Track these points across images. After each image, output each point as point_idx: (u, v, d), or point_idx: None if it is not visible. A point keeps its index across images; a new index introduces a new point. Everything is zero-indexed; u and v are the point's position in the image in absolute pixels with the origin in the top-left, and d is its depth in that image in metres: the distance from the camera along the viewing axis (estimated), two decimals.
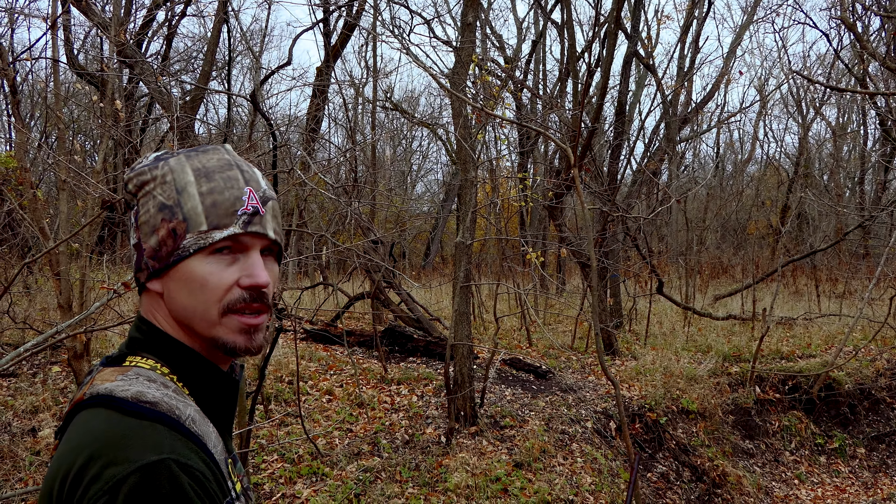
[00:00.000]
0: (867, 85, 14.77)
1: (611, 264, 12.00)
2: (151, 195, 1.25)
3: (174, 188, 1.24)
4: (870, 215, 17.17)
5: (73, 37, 16.36)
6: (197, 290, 1.24)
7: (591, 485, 6.58)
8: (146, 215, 1.25)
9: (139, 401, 1.12)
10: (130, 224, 1.28)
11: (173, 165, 1.27)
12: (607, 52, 10.62)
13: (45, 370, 7.29)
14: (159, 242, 1.24)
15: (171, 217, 1.23)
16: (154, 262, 1.25)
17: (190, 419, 1.16)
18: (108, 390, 1.14)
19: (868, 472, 9.45)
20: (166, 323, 1.28)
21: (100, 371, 1.22)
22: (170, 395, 1.16)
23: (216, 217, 1.24)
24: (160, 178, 1.25)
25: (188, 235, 1.23)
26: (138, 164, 1.29)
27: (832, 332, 13.05)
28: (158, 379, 1.20)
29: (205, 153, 1.31)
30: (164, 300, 1.27)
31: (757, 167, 32.84)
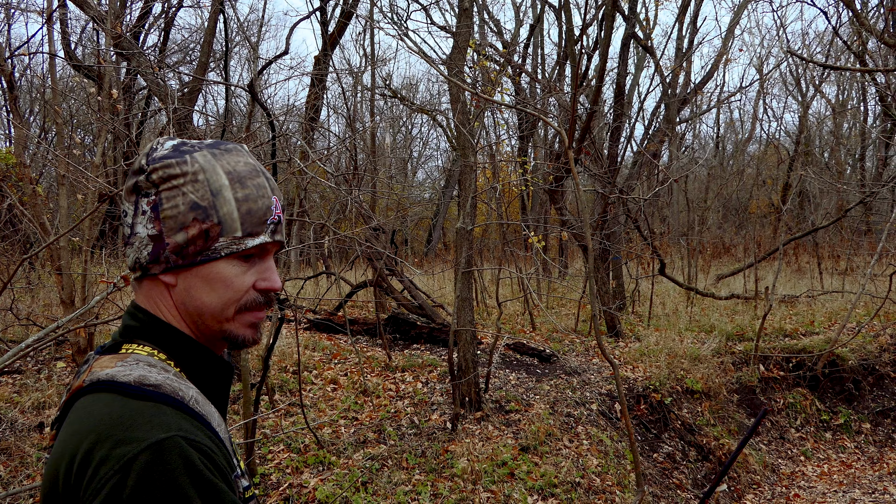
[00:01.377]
0: (866, 62, 14.73)
1: (612, 246, 12.00)
2: (181, 191, 1.25)
3: (209, 189, 1.25)
4: (871, 191, 17.12)
5: (69, 30, 16.33)
6: (220, 289, 1.28)
7: (598, 467, 6.60)
8: (173, 210, 1.24)
9: (142, 384, 1.14)
10: (144, 213, 1.26)
11: (203, 164, 1.27)
12: (605, 34, 10.58)
13: (49, 366, 7.30)
14: (188, 240, 1.25)
15: (206, 218, 1.25)
16: (177, 258, 1.26)
17: (193, 400, 1.18)
18: (110, 376, 1.15)
19: (874, 447, 9.47)
20: (169, 313, 1.29)
21: (97, 359, 1.23)
22: (171, 379, 1.18)
23: (250, 225, 1.28)
24: (191, 175, 1.25)
25: (221, 239, 1.26)
26: (158, 153, 1.27)
27: (835, 308, 13.05)
28: (158, 364, 1.21)
29: (229, 153, 1.31)
30: (175, 293, 1.28)
31: (757, 146, 32.77)
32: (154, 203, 1.25)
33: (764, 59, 27.62)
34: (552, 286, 15.48)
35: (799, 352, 10.27)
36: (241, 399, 5.96)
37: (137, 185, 1.27)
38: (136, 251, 1.27)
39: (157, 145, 1.29)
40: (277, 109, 19.72)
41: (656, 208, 23.79)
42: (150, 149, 1.29)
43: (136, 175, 1.27)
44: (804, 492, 8.10)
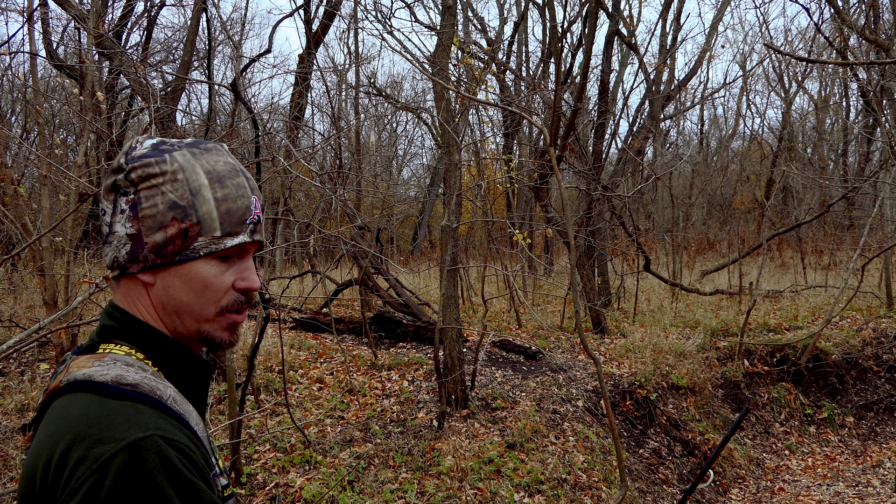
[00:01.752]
0: (847, 58, 14.81)
1: (598, 243, 12.02)
2: (160, 190, 1.24)
3: (188, 189, 1.25)
4: (853, 186, 17.22)
5: (50, 30, 16.21)
6: (199, 289, 1.28)
7: (584, 463, 6.62)
8: (152, 209, 1.24)
9: (120, 383, 1.13)
10: (122, 211, 1.25)
11: (182, 163, 1.26)
12: (589, 31, 10.61)
13: (33, 368, 7.26)
14: (166, 240, 1.24)
15: (185, 218, 1.24)
16: (155, 258, 1.25)
17: (171, 399, 1.18)
18: (87, 375, 1.15)
19: (857, 441, 9.53)
20: (147, 312, 1.28)
21: (74, 360, 1.22)
22: (148, 378, 1.18)
23: (229, 225, 1.28)
24: (170, 174, 1.24)
25: (200, 238, 1.26)
26: (137, 152, 1.26)
27: (818, 303, 13.14)
28: (135, 363, 1.21)
29: (209, 152, 1.30)
30: (153, 292, 1.28)
31: (741, 142, 32.91)
32: (133, 202, 1.24)
33: (747, 55, 27.74)
34: (538, 283, 15.51)
35: (783, 346, 10.33)
36: (226, 399, 5.95)
37: (116, 184, 1.25)
38: (115, 250, 1.26)
39: (137, 144, 1.28)
40: (261, 108, 19.66)
41: (641, 205, 23.85)
42: (130, 147, 1.28)
43: (114, 174, 1.26)
44: (789, 485, 8.15)
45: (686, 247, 20.46)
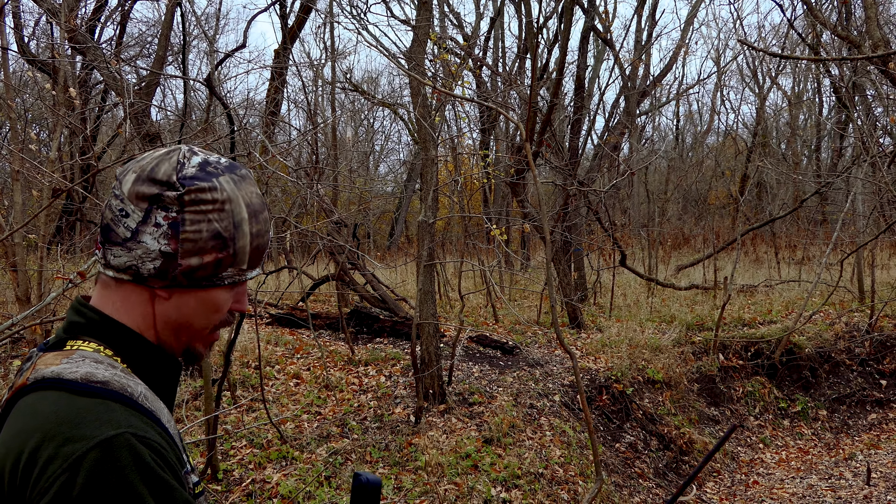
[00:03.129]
0: (820, 54, 14.94)
1: (574, 238, 12.07)
2: (206, 217, 1.24)
3: (232, 221, 1.27)
4: (826, 182, 17.41)
5: (22, 23, 16.02)
6: (210, 312, 1.32)
7: (561, 457, 6.65)
8: (195, 234, 1.23)
9: (90, 381, 1.12)
10: (158, 225, 1.22)
11: (230, 193, 1.27)
12: (565, 27, 10.63)
13: (6, 364, 7.19)
14: (201, 266, 1.26)
15: (223, 249, 1.27)
16: (183, 279, 1.26)
17: (142, 396, 1.18)
18: (55, 373, 1.14)
19: (830, 434, 9.64)
20: (136, 319, 1.28)
21: (40, 356, 1.22)
22: (119, 375, 1.17)
23: (255, 259, 1.34)
24: (219, 203, 1.25)
25: (229, 269, 1.29)
26: (188, 171, 1.25)
27: (792, 297, 13.26)
28: (104, 360, 1.20)
29: (245, 181, 1.31)
30: (161, 305, 1.28)
31: (716, 138, 33.11)
32: (174, 221, 1.23)
33: (721, 51, 27.94)
34: (514, 278, 15.55)
35: (757, 340, 10.42)
36: (202, 395, 5.92)
37: (160, 197, 1.23)
38: (135, 259, 1.24)
39: (184, 160, 1.26)
40: (237, 104, 19.55)
41: (617, 200, 23.95)
42: (178, 163, 1.25)
43: (156, 185, 1.23)
44: (763, 478, 8.23)
45: (662, 242, 20.59)
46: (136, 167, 1.26)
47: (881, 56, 6.28)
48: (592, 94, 20.31)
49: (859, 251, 12.71)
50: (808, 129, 29.39)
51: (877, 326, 10.91)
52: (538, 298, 12.87)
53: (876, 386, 10.27)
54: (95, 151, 8.78)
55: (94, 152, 6.42)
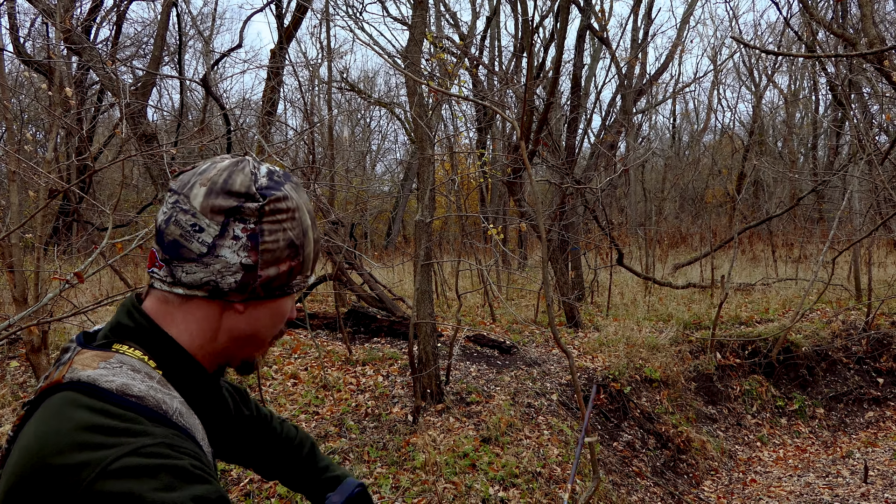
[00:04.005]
0: (815, 51, 14.94)
1: (571, 237, 12.07)
2: (282, 227, 1.25)
3: (302, 229, 1.29)
4: (823, 180, 17.42)
5: (18, 24, 15.99)
6: (278, 321, 1.34)
7: (558, 456, 6.65)
8: (273, 244, 1.24)
9: (125, 393, 1.11)
10: (237, 238, 1.21)
11: (297, 201, 1.28)
12: (561, 26, 10.63)
13: (3, 365, 7.18)
14: (277, 276, 1.27)
15: (295, 257, 1.28)
16: (261, 291, 1.27)
17: (177, 413, 1.16)
18: (92, 378, 1.12)
19: (827, 432, 9.65)
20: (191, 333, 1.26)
21: (78, 352, 1.19)
22: (155, 388, 1.15)
23: (313, 265, 1.36)
24: (292, 212, 1.26)
25: (298, 277, 1.32)
26: (262, 182, 1.25)
27: (789, 296, 13.27)
28: (143, 369, 1.18)
29: (300, 189, 1.32)
30: (230, 319, 1.28)
31: (712, 136, 33.16)
32: (253, 232, 1.22)
33: (718, 49, 27.94)
34: (512, 278, 15.55)
35: (754, 339, 10.43)
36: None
37: (239, 209, 1.21)
38: (214, 273, 1.22)
39: (255, 170, 1.26)
40: (233, 104, 19.54)
41: (614, 199, 23.97)
42: (252, 174, 1.25)
43: (236, 198, 1.21)
44: (760, 477, 8.24)
45: (659, 240, 20.60)
46: (202, 180, 1.23)
47: (876, 52, 6.28)
48: (589, 93, 20.33)
49: (856, 249, 12.72)
50: (804, 127, 29.42)
51: (873, 324, 10.92)
52: (535, 298, 12.87)
53: (873, 384, 10.28)
54: (92, 152, 8.78)
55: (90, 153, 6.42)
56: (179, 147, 9.37)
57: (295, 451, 1.81)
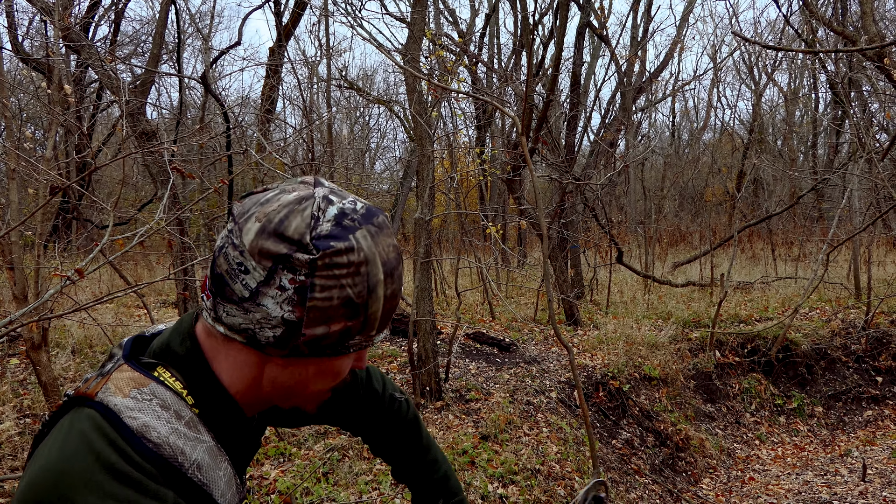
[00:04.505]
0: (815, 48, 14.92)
1: (570, 235, 12.07)
2: (339, 283, 1.07)
3: (366, 285, 1.10)
4: (822, 178, 17.43)
5: (16, 22, 15.98)
6: (329, 379, 1.19)
7: (557, 454, 6.66)
8: (325, 302, 1.07)
9: (144, 436, 1.04)
10: (283, 289, 1.06)
11: (367, 252, 1.09)
12: (560, 23, 10.63)
13: (3, 363, 7.18)
14: (327, 335, 1.10)
15: (353, 317, 1.10)
16: (306, 349, 1.11)
17: (195, 465, 1.08)
18: (118, 409, 1.06)
19: (826, 430, 9.66)
20: (235, 378, 1.17)
21: (119, 368, 1.14)
22: (179, 433, 1.08)
23: (384, 322, 1.17)
24: (355, 266, 1.08)
25: (357, 336, 1.14)
26: (323, 229, 1.07)
27: (788, 294, 13.28)
28: (174, 406, 1.10)
29: (383, 233, 1.13)
30: (272, 370, 1.16)
31: (712, 134, 33.17)
32: (302, 286, 1.06)
33: (717, 47, 27.96)
34: (511, 275, 15.55)
35: (754, 337, 10.43)
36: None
37: (289, 259, 1.06)
38: (252, 323, 1.09)
39: (319, 213, 1.08)
40: (232, 101, 19.54)
41: (613, 197, 23.98)
42: (313, 218, 1.07)
43: (287, 244, 1.06)
44: (759, 475, 8.24)
45: (658, 239, 20.60)
46: (259, 213, 1.08)
47: (875, 48, 6.28)
48: (588, 91, 20.32)
49: (855, 248, 12.73)
50: (804, 125, 29.43)
51: (873, 323, 10.93)
52: (535, 295, 12.88)
53: (872, 383, 10.29)
54: (92, 149, 8.78)
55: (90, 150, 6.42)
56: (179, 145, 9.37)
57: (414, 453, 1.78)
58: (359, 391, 1.69)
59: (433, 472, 1.78)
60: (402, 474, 1.80)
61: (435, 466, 1.78)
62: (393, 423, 1.76)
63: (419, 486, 1.78)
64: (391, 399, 1.75)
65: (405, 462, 1.79)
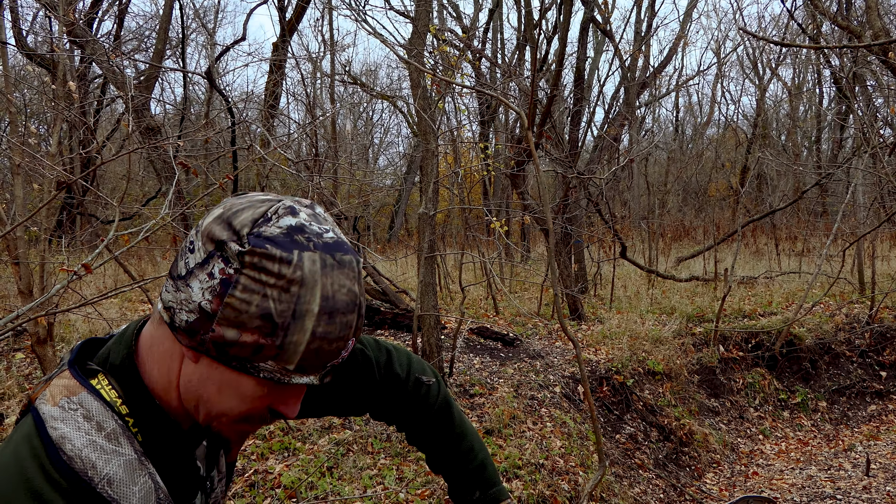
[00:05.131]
0: (820, 44, 14.91)
1: (574, 230, 12.07)
2: (264, 290, 1.02)
3: (292, 308, 1.03)
4: (826, 173, 17.41)
5: (20, 18, 16.00)
6: (232, 399, 1.11)
7: (561, 448, 6.67)
8: (242, 304, 1.03)
9: (60, 449, 1.03)
10: (211, 276, 1.04)
11: (306, 274, 1.03)
12: (564, 18, 10.61)
13: (8, 357, 7.21)
14: (236, 343, 1.04)
15: (269, 335, 1.03)
16: (212, 349, 1.06)
17: (105, 480, 1.04)
18: (45, 418, 1.07)
19: (830, 425, 9.67)
20: (162, 373, 1.13)
21: (61, 373, 1.14)
22: (95, 445, 1.05)
23: (308, 364, 1.08)
24: (286, 280, 1.03)
25: (269, 361, 1.06)
26: (269, 230, 1.04)
27: (792, 289, 13.27)
28: (98, 417, 1.08)
29: (341, 269, 1.08)
30: (188, 366, 1.11)
31: (716, 129, 33.11)
32: (228, 279, 1.03)
33: (721, 42, 27.91)
34: (515, 270, 15.56)
35: (757, 332, 10.44)
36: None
37: (223, 245, 1.04)
38: (177, 302, 1.07)
39: (273, 216, 1.06)
40: (236, 97, 19.56)
41: (617, 192, 23.97)
42: (263, 217, 1.06)
43: (229, 232, 1.05)
44: (763, 469, 8.25)
45: (662, 234, 20.59)
46: (230, 202, 1.09)
47: (881, 44, 6.27)
48: (592, 86, 20.31)
49: (860, 242, 12.72)
50: (808, 120, 29.38)
51: (877, 318, 10.92)
52: (539, 290, 12.88)
53: (876, 377, 10.29)
54: (97, 145, 8.80)
55: (95, 145, 6.44)
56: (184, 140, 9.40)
57: (447, 441, 1.72)
58: (375, 376, 1.61)
59: (468, 461, 1.71)
60: (436, 464, 1.75)
61: (470, 455, 1.71)
62: (419, 410, 1.69)
63: (453, 476, 1.72)
64: (416, 383, 1.68)
65: (437, 451, 1.73)
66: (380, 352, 1.66)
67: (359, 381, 1.60)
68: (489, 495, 1.70)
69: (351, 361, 1.57)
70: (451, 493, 1.73)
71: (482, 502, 1.69)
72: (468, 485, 1.70)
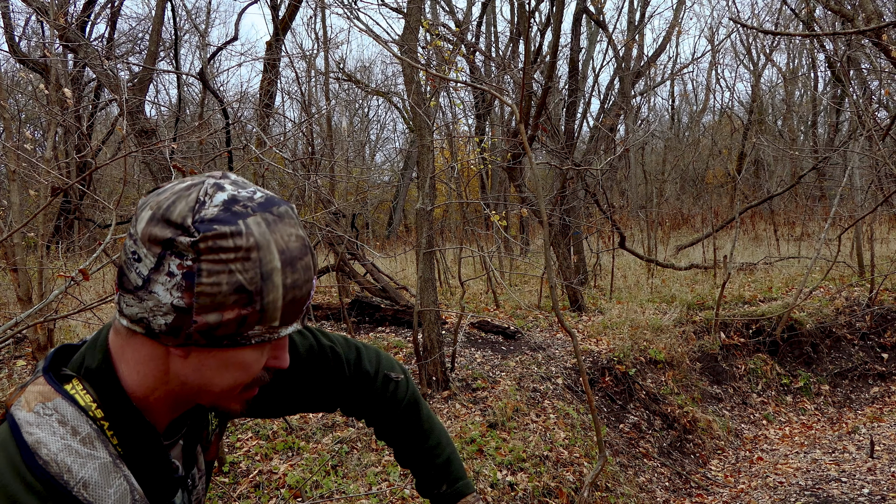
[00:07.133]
0: (814, 29, 14.90)
1: (572, 221, 12.07)
2: (227, 268, 1.05)
3: (259, 272, 1.07)
4: (823, 157, 17.40)
5: (12, 23, 15.97)
6: (236, 373, 1.16)
7: (565, 439, 6.68)
8: (213, 288, 1.05)
9: (35, 453, 1.05)
10: (172, 275, 1.05)
11: (258, 238, 1.07)
12: (557, 9, 10.61)
13: (9, 364, 7.21)
14: (220, 323, 1.08)
15: (247, 304, 1.08)
16: (201, 338, 1.08)
17: (81, 483, 1.06)
18: (20, 423, 1.08)
19: (833, 408, 9.68)
20: (142, 374, 1.15)
21: (35, 380, 1.15)
22: (70, 449, 1.08)
23: (289, 314, 1.14)
24: (244, 251, 1.06)
25: (257, 327, 1.11)
26: (207, 212, 1.06)
27: (792, 274, 13.28)
28: (73, 421, 1.10)
29: (282, 221, 1.12)
30: (176, 364, 1.14)
31: (712, 117, 33.08)
32: (189, 271, 1.05)
33: (715, 29, 27.89)
34: (514, 263, 15.55)
35: (758, 318, 10.44)
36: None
37: (172, 242, 1.05)
38: (146, 311, 1.08)
39: (206, 198, 1.08)
40: (231, 96, 19.52)
41: (615, 182, 23.97)
42: (197, 202, 1.07)
43: (172, 228, 1.05)
44: (767, 454, 8.27)
45: (660, 222, 20.59)
46: (153, 202, 1.09)
47: (874, 29, 6.27)
48: (587, 77, 20.29)
49: (858, 225, 12.72)
50: (803, 104, 29.34)
51: (877, 300, 10.94)
52: (538, 283, 12.88)
53: (877, 359, 10.31)
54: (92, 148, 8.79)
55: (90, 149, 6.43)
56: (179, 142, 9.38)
57: (412, 438, 1.76)
58: (345, 373, 1.66)
59: (434, 456, 1.76)
60: (404, 458, 1.78)
61: (436, 451, 1.76)
62: (388, 406, 1.74)
63: (420, 471, 1.76)
64: (385, 380, 1.73)
65: (405, 446, 1.77)
66: (349, 349, 1.70)
67: (329, 378, 1.64)
68: (455, 489, 1.74)
69: (322, 359, 1.62)
70: (418, 486, 1.78)
71: (448, 496, 1.74)
72: (435, 479, 1.75)
